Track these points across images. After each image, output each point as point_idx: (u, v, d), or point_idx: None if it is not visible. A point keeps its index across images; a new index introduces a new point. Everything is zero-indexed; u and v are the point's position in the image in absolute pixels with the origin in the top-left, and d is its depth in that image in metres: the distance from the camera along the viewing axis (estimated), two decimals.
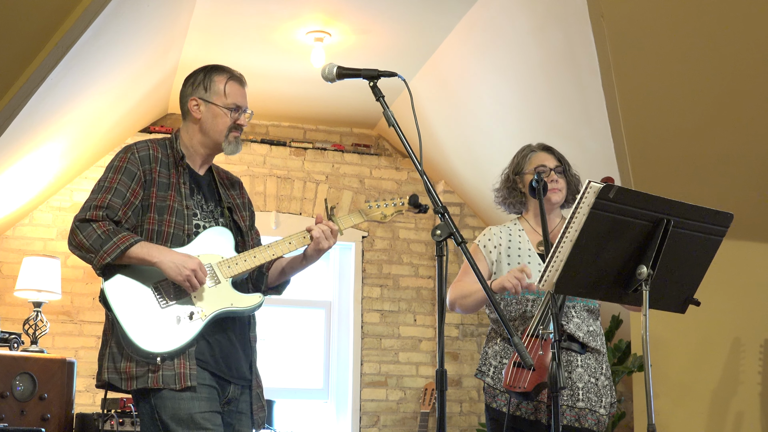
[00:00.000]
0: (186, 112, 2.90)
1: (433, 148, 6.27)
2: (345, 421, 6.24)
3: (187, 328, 2.66)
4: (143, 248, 2.64)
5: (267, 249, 2.81)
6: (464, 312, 3.39)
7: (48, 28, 3.70)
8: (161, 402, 2.61)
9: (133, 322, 2.63)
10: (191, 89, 2.89)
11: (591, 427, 3.15)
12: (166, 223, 2.75)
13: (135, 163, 2.76)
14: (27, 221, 5.81)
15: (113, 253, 2.61)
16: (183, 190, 2.81)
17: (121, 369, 2.65)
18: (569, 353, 3.18)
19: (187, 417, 2.59)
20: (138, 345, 2.60)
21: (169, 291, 2.69)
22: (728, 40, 4.15)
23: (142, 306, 2.66)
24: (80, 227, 2.66)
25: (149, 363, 2.61)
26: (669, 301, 2.65)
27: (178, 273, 2.63)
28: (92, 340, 5.77)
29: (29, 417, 4.41)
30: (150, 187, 2.76)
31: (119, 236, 2.63)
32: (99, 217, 2.66)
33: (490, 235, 3.41)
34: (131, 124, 5.93)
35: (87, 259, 2.67)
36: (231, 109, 2.87)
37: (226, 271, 2.76)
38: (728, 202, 4.51)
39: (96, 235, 2.63)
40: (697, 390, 5.05)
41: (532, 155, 3.42)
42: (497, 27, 4.84)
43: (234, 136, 2.88)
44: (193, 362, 2.64)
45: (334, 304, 6.55)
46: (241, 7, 4.89)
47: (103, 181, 2.75)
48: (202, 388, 2.64)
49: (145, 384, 2.61)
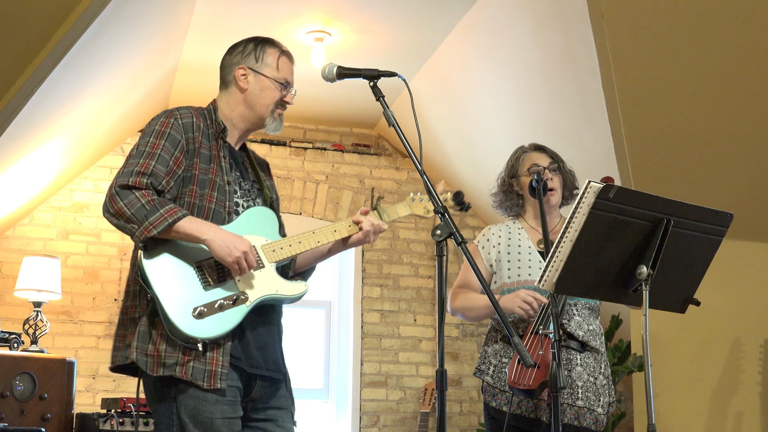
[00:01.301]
0: (230, 81, 2.71)
1: (433, 148, 6.27)
2: (345, 421, 6.24)
3: (231, 314, 2.46)
4: (192, 223, 2.43)
5: (312, 235, 2.63)
6: (466, 321, 3.40)
7: (48, 28, 3.70)
8: (184, 399, 2.43)
9: (175, 303, 2.41)
10: (240, 57, 2.71)
11: (589, 426, 3.15)
12: (208, 198, 2.55)
13: (178, 129, 2.56)
14: (27, 221, 5.81)
15: (160, 225, 2.38)
16: (224, 165, 2.62)
17: (149, 352, 2.43)
18: (569, 351, 3.18)
19: (207, 420, 2.43)
20: (180, 327, 2.38)
21: (213, 272, 2.49)
22: (728, 40, 4.15)
23: (184, 286, 2.45)
24: (121, 194, 2.41)
25: (181, 351, 2.41)
26: (669, 301, 2.65)
27: (228, 254, 2.43)
28: (92, 340, 5.77)
29: (29, 417, 4.41)
30: (193, 157, 2.56)
31: (166, 208, 2.41)
32: (142, 184, 2.43)
33: (489, 235, 3.41)
34: (131, 124, 5.93)
35: (127, 229, 2.42)
36: (281, 83, 2.71)
37: (270, 255, 2.57)
38: (728, 202, 4.51)
39: (140, 205, 2.39)
40: (697, 390, 5.05)
41: (524, 156, 3.43)
42: (497, 27, 4.84)
43: (278, 113, 2.72)
44: (226, 359, 2.45)
45: (334, 304, 6.55)
46: (241, 7, 4.89)
47: (144, 145, 2.51)
48: (229, 390, 2.47)
49: (173, 372, 2.41)
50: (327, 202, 6.46)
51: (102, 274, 5.88)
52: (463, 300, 3.33)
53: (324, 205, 6.45)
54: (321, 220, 6.36)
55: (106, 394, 5.63)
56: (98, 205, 5.95)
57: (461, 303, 3.33)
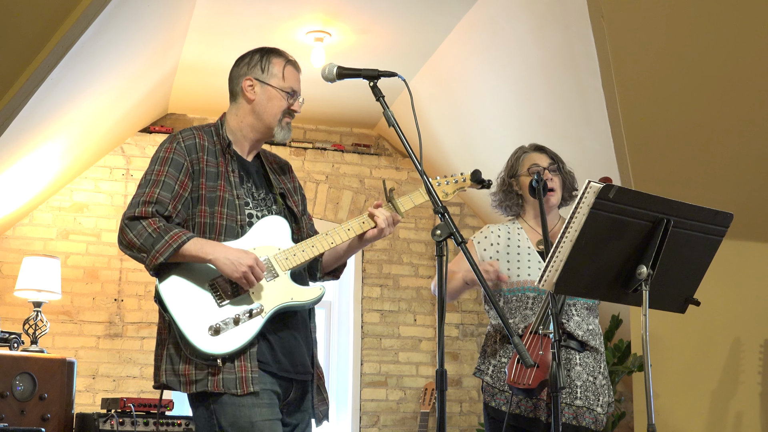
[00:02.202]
0: (237, 93, 2.77)
1: (433, 148, 6.27)
2: (345, 421, 6.24)
3: (247, 327, 2.52)
4: (196, 245, 2.51)
5: (325, 237, 2.66)
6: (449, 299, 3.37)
7: (48, 28, 3.70)
8: (221, 408, 2.50)
9: (191, 322, 2.50)
10: (246, 69, 2.77)
11: (589, 425, 3.16)
12: (218, 215, 2.62)
13: (181, 153, 2.63)
14: (27, 221, 5.81)
15: (165, 252, 2.48)
16: (232, 179, 2.67)
17: (180, 371, 2.53)
18: (568, 351, 3.19)
19: (247, 424, 2.48)
20: (197, 347, 2.47)
21: (226, 288, 2.56)
22: (728, 40, 4.15)
23: (199, 305, 2.53)
24: (129, 226, 2.53)
25: (209, 365, 2.49)
26: (669, 301, 2.65)
27: (234, 270, 2.50)
28: (92, 340, 5.77)
29: (29, 417, 4.41)
30: (198, 177, 2.63)
31: (171, 234, 2.50)
32: (149, 213, 2.53)
33: (487, 233, 3.41)
34: (131, 124, 5.93)
35: (139, 258, 2.53)
36: (288, 92, 2.77)
37: (284, 264, 2.61)
38: (728, 202, 4.51)
39: (146, 234, 2.50)
40: (697, 390, 5.05)
41: (524, 156, 3.43)
42: (497, 27, 4.84)
43: (287, 121, 2.77)
44: (254, 364, 2.52)
45: (334, 304, 6.55)
46: (241, 7, 4.89)
47: (150, 174, 2.61)
48: (264, 393, 2.52)
49: (205, 387, 2.49)
50: (327, 202, 6.46)
51: (102, 274, 5.88)
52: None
53: (324, 205, 6.45)
54: (321, 220, 6.36)
55: (106, 394, 5.62)
56: (98, 205, 5.95)
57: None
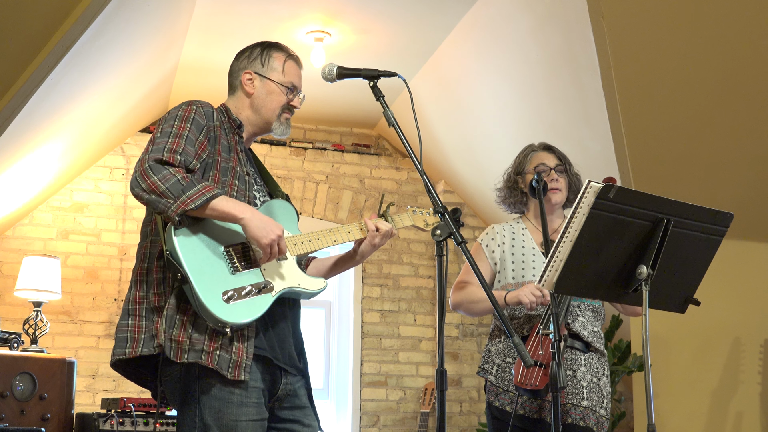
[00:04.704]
0: (236, 86, 2.71)
1: (433, 148, 6.27)
2: (345, 421, 6.24)
3: (257, 302, 2.42)
4: (229, 202, 2.38)
5: (329, 234, 2.63)
6: (468, 315, 3.40)
7: (48, 28, 3.70)
8: (207, 400, 2.40)
9: (206, 284, 2.35)
10: (246, 62, 2.71)
11: (592, 426, 3.16)
12: (230, 185, 2.51)
13: (201, 115, 2.52)
14: (27, 221, 5.81)
15: (198, 200, 2.31)
16: (241, 157, 2.61)
17: (174, 336, 2.37)
18: (573, 351, 3.18)
19: (231, 423, 2.39)
20: (211, 310, 2.32)
21: (240, 258, 2.45)
22: (728, 40, 4.15)
23: (213, 268, 2.39)
24: (154, 168, 2.33)
25: (214, 335, 2.36)
26: (669, 301, 2.65)
27: (264, 235, 2.38)
28: (92, 340, 5.77)
29: (29, 417, 4.41)
30: (214, 144, 2.53)
31: (203, 184, 2.35)
32: (176, 161, 2.37)
33: (493, 234, 3.41)
34: (131, 124, 5.93)
35: (160, 204, 2.32)
36: (288, 87, 2.71)
37: (293, 249, 2.54)
38: (728, 202, 4.51)
39: (175, 180, 2.32)
40: (697, 390, 5.05)
41: (533, 155, 3.42)
42: (497, 27, 4.84)
43: (285, 117, 2.71)
44: (250, 351, 2.41)
45: (334, 304, 6.55)
46: (241, 7, 4.89)
47: (170, 127, 2.46)
48: (253, 390, 2.44)
49: (198, 359, 2.35)
50: (327, 202, 6.46)
51: (102, 274, 5.88)
52: (466, 294, 3.32)
53: (324, 205, 6.45)
54: (321, 220, 6.36)
55: (106, 394, 5.63)
56: (98, 205, 5.95)
57: (464, 297, 3.32)
